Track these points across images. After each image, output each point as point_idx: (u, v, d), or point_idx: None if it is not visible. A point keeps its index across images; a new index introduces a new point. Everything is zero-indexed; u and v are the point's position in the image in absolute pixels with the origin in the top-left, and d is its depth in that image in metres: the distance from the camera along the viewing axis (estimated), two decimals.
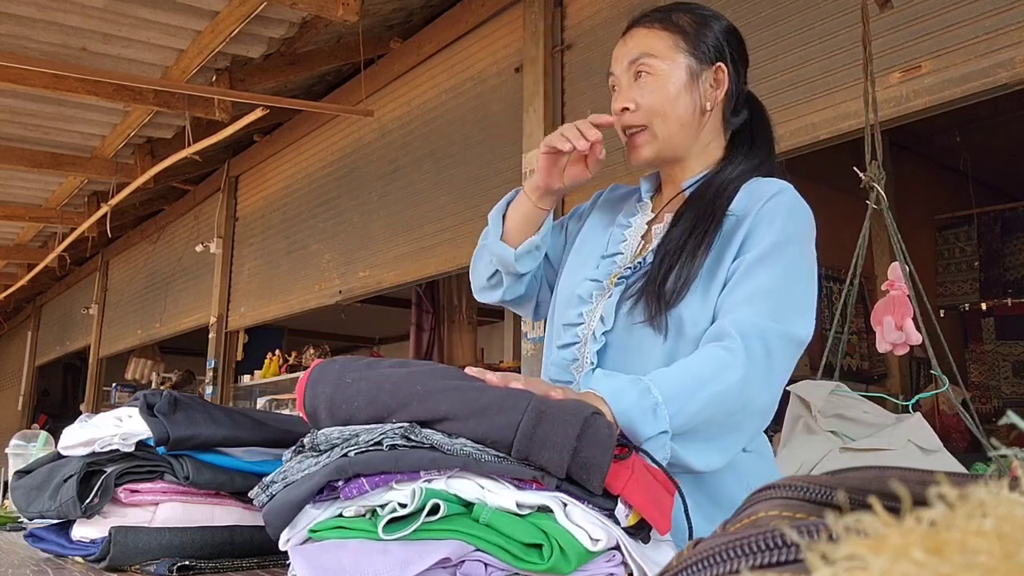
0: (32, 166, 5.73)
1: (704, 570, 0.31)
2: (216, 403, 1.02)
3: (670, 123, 1.17)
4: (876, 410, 2.14)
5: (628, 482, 0.72)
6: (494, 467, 0.69)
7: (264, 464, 0.94)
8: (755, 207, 1.09)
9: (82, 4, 3.92)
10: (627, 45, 1.21)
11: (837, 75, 2.60)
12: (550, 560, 0.65)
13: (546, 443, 0.69)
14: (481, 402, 0.71)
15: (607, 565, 0.70)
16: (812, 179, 5.52)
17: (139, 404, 0.93)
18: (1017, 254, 6.36)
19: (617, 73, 1.22)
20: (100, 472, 0.88)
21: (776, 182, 1.14)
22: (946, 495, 0.24)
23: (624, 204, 1.31)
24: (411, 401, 0.72)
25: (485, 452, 0.70)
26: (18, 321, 11.94)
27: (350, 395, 0.74)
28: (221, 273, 6.22)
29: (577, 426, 0.69)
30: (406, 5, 4.36)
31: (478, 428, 0.70)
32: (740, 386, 0.95)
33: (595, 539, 0.68)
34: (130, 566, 0.85)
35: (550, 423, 0.69)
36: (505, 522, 0.67)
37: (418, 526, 0.65)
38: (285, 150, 5.73)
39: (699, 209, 1.12)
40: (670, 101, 1.16)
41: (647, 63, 1.17)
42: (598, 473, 0.69)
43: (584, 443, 0.69)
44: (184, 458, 0.90)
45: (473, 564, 0.65)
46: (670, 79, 1.17)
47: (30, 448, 1.81)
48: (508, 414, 0.70)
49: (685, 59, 1.18)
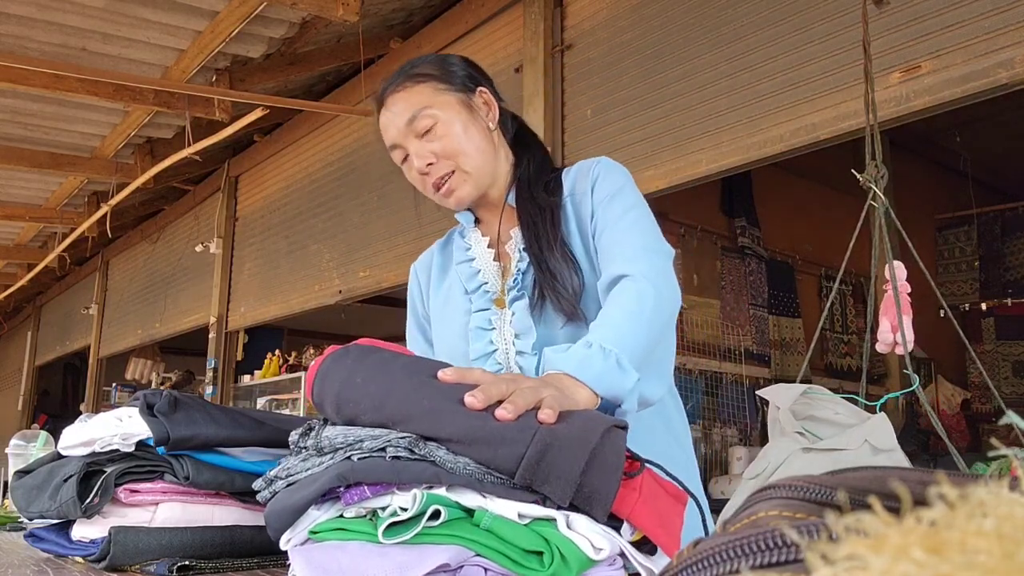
0: (32, 166, 5.73)
1: (704, 570, 0.31)
2: (216, 403, 1.02)
3: (473, 156, 1.21)
4: (848, 410, 2.19)
5: (635, 505, 0.71)
6: (496, 490, 0.68)
7: (264, 464, 0.94)
8: (586, 181, 1.21)
9: (82, 4, 3.92)
10: (392, 112, 1.22)
11: (837, 75, 2.60)
12: (551, 567, 0.65)
13: (551, 475, 0.67)
14: (486, 430, 0.70)
15: (609, 570, 0.69)
16: (812, 179, 5.53)
17: (139, 404, 0.93)
18: (1017, 254, 6.36)
19: (400, 142, 1.22)
20: (100, 472, 0.88)
21: (590, 160, 1.25)
22: (946, 495, 0.24)
23: (447, 250, 1.37)
24: (417, 416, 0.71)
25: (489, 475, 0.69)
26: (18, 321, 11.94)
27: (358, 396, 0.74)
28: (221, 273, 6.22)
29: (584, 457, 0.68)
30: (406, 5, 4.36)
31: (481, 455, 0.69)
32: (659, 301, 1.04)
33: (598, 548, 0.67)
34: (130, 566, 0.85)
35: (555, 454, 0.68)
36: (506, 528, 0.66)
37: (418, 531, 0.65)
38: (285, 150, 5.73)
39: (535, 209, 1.21)
40: (463, 138, 1.20)
41: (425, 115, 1.19)
42: (603, 504, 0.68)
43: (590, 475, 0.68)
44: (184, 458, 0.90)
45: (473, 569, 0.65)
46: (453, 121, 1.20)
47: (30, 448, 1.81)
48: (513, 446, 0.69)
49: (452, 97, 1.22)
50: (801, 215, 5.64)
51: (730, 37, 2.94)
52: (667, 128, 3.10)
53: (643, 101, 3.22)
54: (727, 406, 4.81)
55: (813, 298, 5.70)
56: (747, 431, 4.90)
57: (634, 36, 3.30)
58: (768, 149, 2.79)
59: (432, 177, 1.21)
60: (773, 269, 5.37)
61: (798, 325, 5.49)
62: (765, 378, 5.08)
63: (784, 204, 5.52)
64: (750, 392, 4.82)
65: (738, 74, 2.90)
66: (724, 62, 2.95)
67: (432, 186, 1.22)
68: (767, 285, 5.30)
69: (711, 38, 3.01)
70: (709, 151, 2.96)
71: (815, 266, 5.70)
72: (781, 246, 5.52)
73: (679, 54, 3.12)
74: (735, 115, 2.89)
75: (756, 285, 5.19)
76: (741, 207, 5.22)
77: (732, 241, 5.15)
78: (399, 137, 1.22)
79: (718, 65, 2.97)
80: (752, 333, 5.09)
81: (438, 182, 1.21)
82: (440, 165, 1.20)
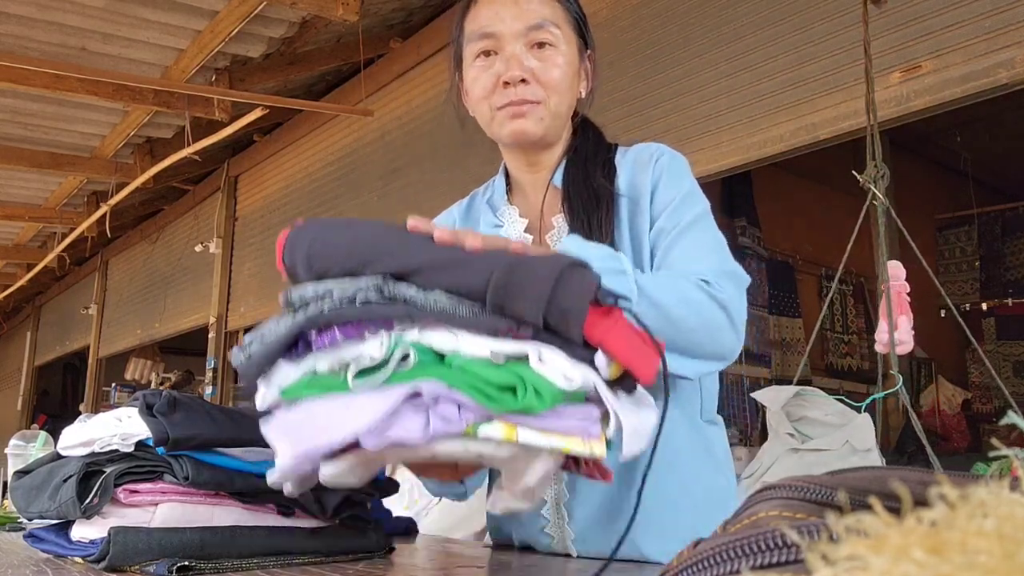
0: (32, 166, 5.73)
1: (704, 570, 0.31)
2: (216, 403, 1.02)
3: (563, 104, 1.06)
4: (837, 411, 2.22)
5: (609, 330, 0.70)
6: (468, 320, 0.68)
7: (264, 464, 0.94)
8: (646, 175, 1.05)
9: (82, 4, 3.92)
10: (519, 6, 1.03)
11: (837, 75, 2.60)
12: (524, 399, 0.65)
13: (522, 292, 0.67)
14: (456, 255, 0.70)
15: (582, 420, 0.68)
16: (812, 179, 5.53)
17: (138, 404, 0.93)
18: (1017, 254, 6.36)
19: (504, 35, 1.03)
20: (99, 472, 0.88)
21: (649, 147, 1.09)
22: (947, 495, 0.24)
23: (470, 216, 1.20)
24: (386, 253, 0.71)
25: (460, 304, 0.68)
26: (17, 321, 11.94)
27: (327, 250, 0.73)
28: (221, 273, 6.22)
29: (554, 275, 0.67)
30: (406, 5, 4.36)
31: (451, 279, 0.69)
32: (710, 306, 0.91)
33: (569, 378, 0.67)
34: (130, 566, 0.85)
35: (525, 271, 0.68)
36: (479, 367, 0.66)
37: (388, 375, 0.65)
38: (285, 150, 5.73)
39: (589, 197, 1.04)
40: (567, 80, 1.05)
41: (552, 32, 1.03)
42: (576, 318, 0.67)
43: (560, 291, 0.67)
44: (184, 458, 0.90)
45: (447, 406, 0.64)
46: (570, 59, 1.06)
47: (29, 448, 1.81)
48: (482, 266, 0.69)
49: (576, 39, 1.08)
50: (801, 215, 5.64)
51: (730, 37, 2.94)
52: (667, 128, 3.10)
53: (643, 101, 3.22)
54: (727, 406, 4.81)
55: (813, 298, 5.70)
56: (747, 431, 4.90)
57: (634, 36, 3.29)
58: (768, 149, 2.79)
59: (516, 95, 1.02)
60: (773, 269, 5.37)
61: (798, 325, 5.49)
62: (765, 378, 5.09)
63: (784, 204, 5.52)
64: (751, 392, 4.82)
65: (738, 74, 2.90)
66: (724, 62, 2.95)
67: (509, 102, 1.02)
68: (767, 285, 5.30)
69: (711, 38, 3.01)
70: (709, 151, 2.96)
71: (815, 266, 5.70)
72: (781, 246, 5.52)
73: (679, 54, 3.11)
74: (735, 115, 2.89)
75: (756, 285, 5.19)
76: (741, 207, 5.22)
77: (732, 241, 5.13)
78: (507, 31, 1.02)
79: (718, 65, 2.97)
80: (752, 333, 5.09)
81: (519, 101, 1.02)
82: (533, 88, 1.02)
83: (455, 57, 1.13)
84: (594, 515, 1.01)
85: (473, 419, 0.64)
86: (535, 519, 1.05)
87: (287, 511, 0.94)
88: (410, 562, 0.97)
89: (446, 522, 2.33)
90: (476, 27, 1.05)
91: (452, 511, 2.37)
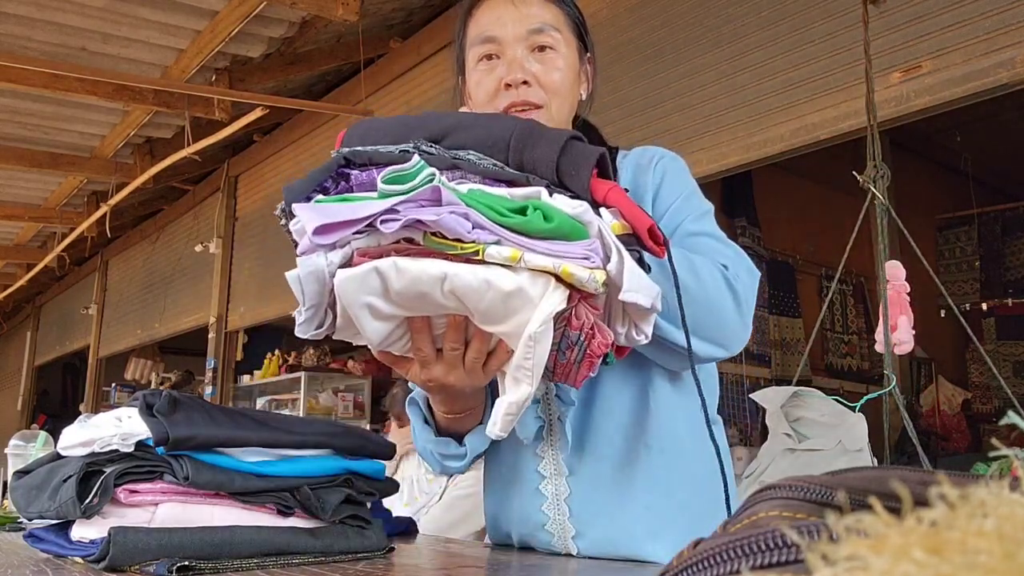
0: (32, 166, 5.73)
1: (704, 570, 0.31)
2: (216, 403, 1.02)
3: (563, 107, 1.06)
4: (833, 411, 2.23)
5: (611, 190, 0.77)
6: (491, 171, 0.76)
7: (264, 464, 0.94)
8: (647, 177, 1.07)
9: (82, 4, 3.92)
10: (519, 9, 1.04)
11: (837, 75, 2.60)
12: (532, 216, 0.71)
13: (541, 137, 0.77)
14: (485, 116, 0.84)
15: (585, 248, 0.73)
16: (812, 179, 5.53)
17: (138, 404, 0.93)
18: (1018, 254, 6.36)
19: (506, 39, 1.03)
20: (99, 472, 0.88)
21: (648, 150, 1.11)
22: (947, 495, 0.24)
23: None
24: (424, 124, 0.80)
25: (485, 160, 0.77)
26: (17, 321, 11.94)
27: (378, 131, 0.82)
28: (220, 273, 6.22)
29: (565, 136, 0.77)
30: (406, 5, 4.36)
31: (479, 133, 0.78)
32: (721, 287, 0.94)
33: (574, 207, 0.73)
34: (129, 566, 0.85)
35: (541, 129, 0.79)
36: (493, 196, 0.74)
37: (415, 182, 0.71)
38: (285, 150, 5.73)
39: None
40: (568, 83, 1.06)
41: (553, 35, 1.04)
42: (586, 167, 0.75)
43: (571, 147, 0.77)
44: (184, 458, 0.90)
45: (460, 218, 0.69)
46: (571, 62, 1.06)
47: (29, 448, 1.81)
48: (504, 122, 0.81)
49: (576, 43, 1.09)
50: (801, 215, 5.64)
51: (730, 37, 2.94)
52: (667, 128, 3.10)
53: (643, 101, 3.22)
54: (727, 406, 4.81)
55: (813, 298, 5.70)
56: (747, 431, 4.90)
57: (634, 36, 3.29)
58: (768, 149, 2.79)
59: (518, 96, 1.02)
60: (773, 269, 5.37)
61: (798, 325, 5.49)
62: (765, 378, 5.09)
63: (784, 204, 5.52)
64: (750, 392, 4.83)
65: (738, 74, 2.90)
66: (724, 62, 2.95)
67: (510, 106, 1.03)
68: (767, 285, 5.30)
69: (711, 38, 3.01)
70: (709, 151, 2.96)
71: (815, 266, 5.70)
72: (781, 246, 5.52)
73: (679, 54, 3.12)
74: (735, 115, 2.89)
75: None
76: (741, 207, 5.22)
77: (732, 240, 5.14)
78: (508, 35, 1.03)
79: (718, 65, 2.97)
80: (752, 333, 5.08)
81: (522, 105, 1.02)
82: (535, 91, 1.02)
83: (458, 62, 1.14)
84: (595, 511, 1.01)
85: (484, 239, 0.69)
86: (535, 515, 1.04)
87: (287, 511, 0.94)
88: (410, 562, 0.97)
89: (445, 521, 2.33)
90: (478, 31, 1.06)
91: (452, 509, 2.37)
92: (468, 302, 0.71)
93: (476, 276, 0.69)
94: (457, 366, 0.80)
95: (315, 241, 0.70)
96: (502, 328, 0.74)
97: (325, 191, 0.79)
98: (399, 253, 0.70)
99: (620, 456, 1.01)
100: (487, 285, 0.69)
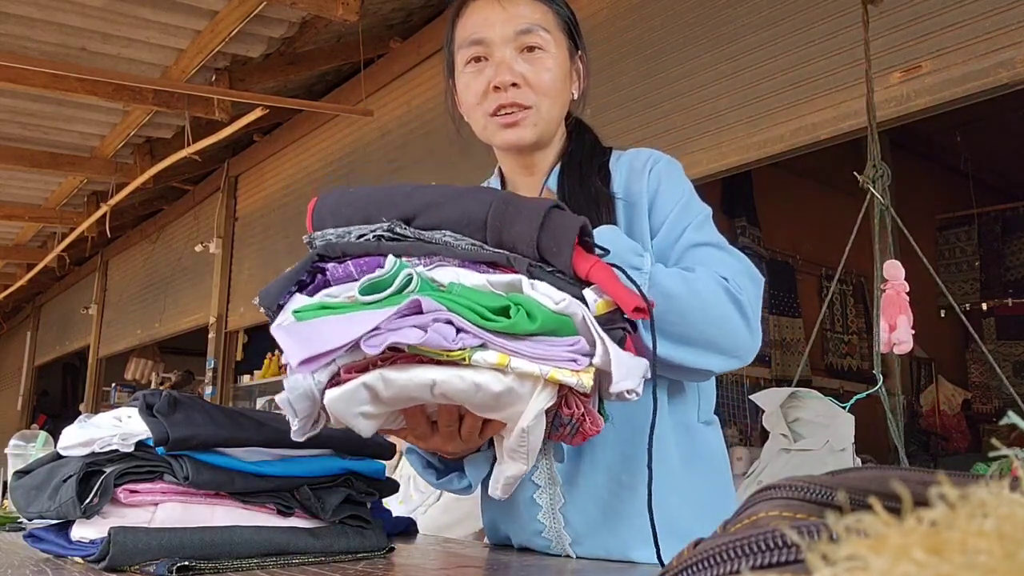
0: (32, 166, 5.73)
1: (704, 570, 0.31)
2: (216, 403, 1.02)
3: (554, 107, 1.06)
4: (827, 411, 2.25)
5: (595, 264, 0.76)
6: (469, 252, 0.76)
7: (264, 464, 0.94)
8: (641, 182, 1.04)
9: (82, 4, 3.92)
10: (506, 10, 1.03)
11: (837, 75, 2.60)
12: (516, 318, 0.70)
13: (519, 213, 0.75)
14: (456, 192, 0.80)
15: (571, 349, 0.72)
16: (812, 179, 5.53)
17: (138, 404, 0.93)
18: (1018, 254, 6.36)
19: (493, 40, 1.03)
20: (99, 472, 0.88)
21: (642, 153, 1.09)
22: (947, 495, 0.24)
23: None
24: (396, 201, 0.80)
25: (462, 240, 0.77)
26: (17, 321, 11.94)
27: (349, 205, 0.82)
28: (221, 273, 6.22)
29: (544, 208, 0.76)
30: (406, 5, 4.36)
31: (455, 210, 0.77)
32: (724, 301, 0.93)
33: (557, 301, 0.72)
34: (129, 566, 0.85)
35: (519, 201, 0.77)
36: (475, 293, 0.72)
37: (393, 290, 0.71)
38: (285, 150, 5.73)
39: (586, 200, 1.03)
40: (558, 83, 1.05)
41: (541, 35, 1.03)
42: (567, 243, 0.74)
43: (550, 219, 0.75)
44: (184, 458, 0.90)
45: (444, 326, 0.68)
46: (560, 61, 1.05)
47: (29, 448, 1.81)
48: (480, 195, 0.79)
49: (566, 41, 1.08)
50: (801, 215, 5.64)
51: (730, 37, 2.94)
52: (667, 128, 3.10)
53: (643, 101, 3.22)
54: (727, 406, 4.81)
55: (813, 298, 5.70)
56: (747, 431, 4.90)
57: (634, 36, 3.29)
58: (768, 149, 2.79)
59: (507, 98, 1.02)
60: (773, 269, 5.37)
61: (798, 325, 5.49)
62: (765, 378, 5.08)
63: (784, 204, 5.52)
64: (750, 392, 4.83)
65: (738, 74, 2.90)
66: (724, 62, 2.95)
67: (499, 107, 1.03)
68: (767, 285, 5.30)
69: (711, 38, 3.01)
70: (709, 151, 2.96)
71: (815, 266, 5.70)
72: (781, 246, 5.52)
73: (679, 54, 3.11)
74: (735, 115, 2.89)
75: None
76: (741, 207, 5.22)
77: (732, 241, 5.11)
78: (496, 36, 1.02)
79: (718, 65, 2.97)
80: None
81: (511, 107, 1.02)
82: (524, 93, 1.02)
83: (447, 64, 1.14)
84: (590, 520, 1.01)
85: (469, 343, 0.68)
86: (531, 523, 1.04)
87: (287, 511, 0.94)
88: (410, 562, 0.97)
89: (443, 520, 2.32)
90: (466, 34, 1.05)
91: (450, 509, 2.36)
92: (458, 401, 0.72)
93: (465, 381, 0.69)
94: (454, 438, 0.81)
95: (301, 372, 0.69)
96: (496, 416, 0.74)
97: (303, 285, 0.78)
98: (385, 362, 0.69)
99: (615, 465, 1.01)
100: (476, 388, 0.69)
